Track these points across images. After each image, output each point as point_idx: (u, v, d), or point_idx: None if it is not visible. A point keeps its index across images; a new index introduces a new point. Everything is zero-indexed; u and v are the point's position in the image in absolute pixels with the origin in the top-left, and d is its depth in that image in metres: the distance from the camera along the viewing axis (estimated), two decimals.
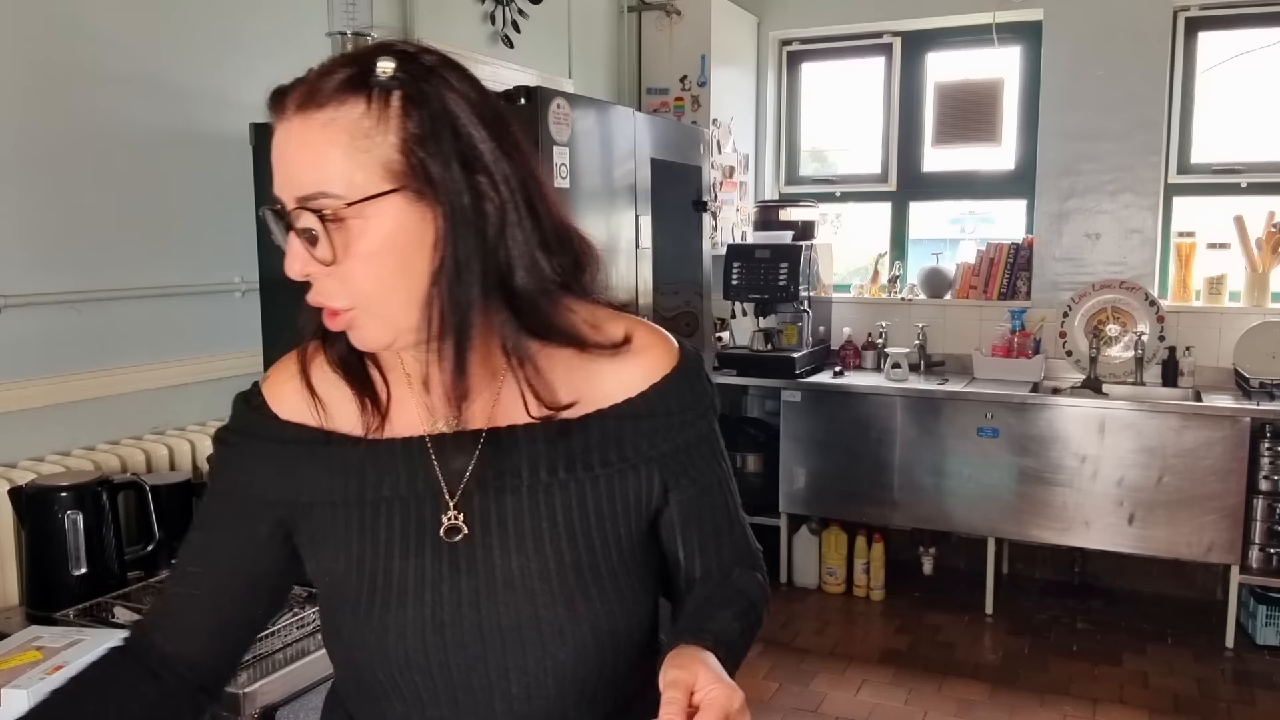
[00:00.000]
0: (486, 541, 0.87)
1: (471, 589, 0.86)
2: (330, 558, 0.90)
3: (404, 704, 0.89)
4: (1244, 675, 3.48)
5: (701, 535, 0.95)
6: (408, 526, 0.88)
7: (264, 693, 1.49)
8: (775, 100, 4.88)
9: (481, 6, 3.44)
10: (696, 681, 0.77)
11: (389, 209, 0.78)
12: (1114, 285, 4.14)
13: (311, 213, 0.78)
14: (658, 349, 0.92)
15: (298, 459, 0.90)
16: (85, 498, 1.77)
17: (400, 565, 0.87)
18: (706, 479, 0.94)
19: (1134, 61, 4.06)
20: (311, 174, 0.78)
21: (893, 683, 3.42)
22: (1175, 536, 3.63)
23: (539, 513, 0.87)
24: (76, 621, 1.65)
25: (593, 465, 0.88)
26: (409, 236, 0.79)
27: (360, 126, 0.77)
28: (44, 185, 2.02)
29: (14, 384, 1.95)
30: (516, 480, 0.88)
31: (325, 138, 0.77)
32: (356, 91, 0.78)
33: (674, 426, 0.91)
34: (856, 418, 4.06)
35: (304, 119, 0.79)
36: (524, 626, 0.86)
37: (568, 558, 0.87)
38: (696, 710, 0.75)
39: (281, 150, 0.80)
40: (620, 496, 0.90)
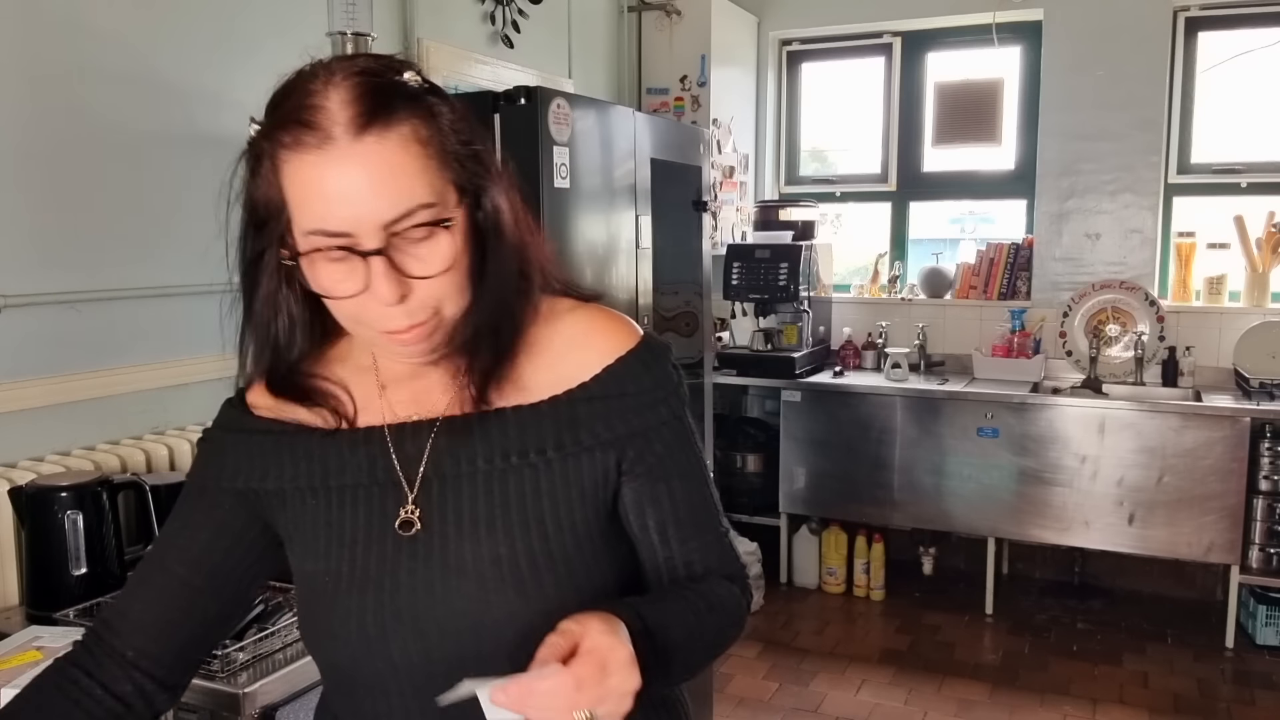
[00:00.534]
0: (443, 529, 0.88)
1: (427, 576, 0.88)
2: (301, 545, 0.93)
3: (370, 693, 0.90)
4: (1244, 675, 3.48)
5: (665, 527, 0.92)
6: (371, 515, 0.90)
7: (264, 693, 1.49)
8: (775, 100, 4.88)
9: (481, 6, 3.44)
10: (585, 632, 0.75)
11: (458, 214, 0.81)
12: (1114, 285, 4.14)
13: (427, 211, 0.78)
14: (616, 333, 0.91)
15: (267, 448, 0.93)
16: (85, 498, 1.77)
17: (363, 552, 0.89)
18: (669, 468, 0.91)
19: (1134, 61, 4.06)
20: (403, 194, 0.77)
21: (893, 683, 3.42)
22: (1175, 536, 3.64)
23: (492, 499, 0.88)
24: (76, 621, 1.65)
25: (546, 449, 0.88)
26: (465, 240, 0.82)
27: (424, 136, 0.79)
28: (44, 185, 2.02)
29: (14, 384, 1.95)
30: (471, 467, 0.88)
31: (407, 153, 0.77)
32: (408, 104, 0.79)
33: (629, 409, 0.89)
34: (856, 418, 4.06)
35: (370, 143, 0.76)
36: (475, 612, 0.86)
37: (519, 544, 0.87)
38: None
39: (348, 178, 0.76)
40: (575, 481, 0.89)
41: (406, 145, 0.77)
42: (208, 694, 1.50)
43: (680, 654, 0.84)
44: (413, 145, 0.78)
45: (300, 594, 0.94)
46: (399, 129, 0.77)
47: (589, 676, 0.73)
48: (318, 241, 0.79)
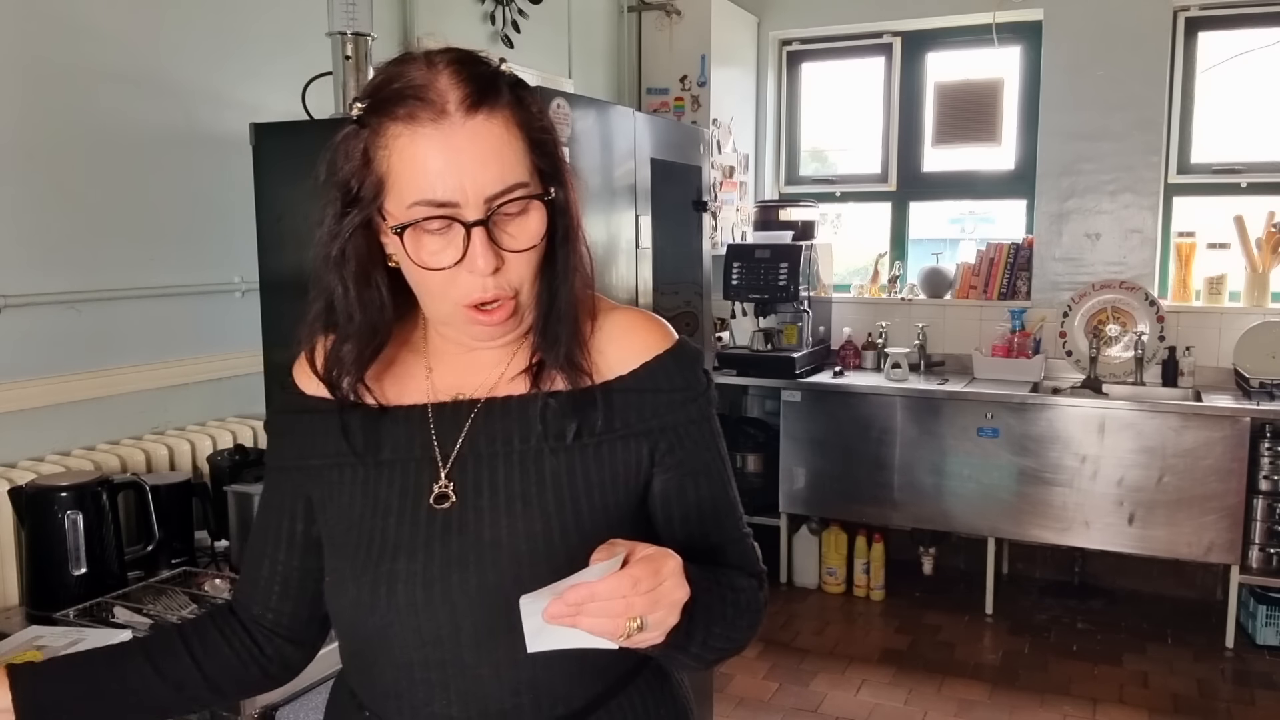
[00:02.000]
0: (477, 504, 0.91)
1: (460, 549, 0.89)
2: (334, 514, 0.95)
3: (394, 665, 0.91)
4: (1244, 675, 3.48)
5: (689, 521, 0.95)
6: (406, 488, 0.93)
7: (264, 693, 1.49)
8: (775, 100, 4.88)
9: (481, 6, 3.44)
10: (635, 545, 0.78)
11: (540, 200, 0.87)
12: (1114, 285, 4.14)
13: (524, 190, 0.84)
14: (654, 332, 0.96)
15: (314, 427, 0.97)
16: (85, 498, 1.77)
17: (395, 524, 0.91)
18: (695, 466, 0.95)
19: (1134, 61, 4.07)
20: (506, 170, 0.83)
21: (893, 683, 3.42)
22: (1175, 536, 3.64)
23: (529, 478, 0.91)
24: (76, 621, 1.65)
25: (583, 434, 0.91)
26: (544, 223, 0.87)
27: (519, 120, 0.85)
28: (44, 185, 2.02)
29: (14, 384, 1.95)
30: (508, 447, 0.92)
31: (507, 136, 0.84)
32: (508, 90, 0.86)
33: (663, 404, 0.93)
34: (856, 418, 4.06)
35: (480, 121, 0.83)
36: (507, 586, 0.86)
37: (554, 521, 0.89)
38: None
39: (462, 152, 0.82)
40: (609, 466, 0.92)
41: (508, 127, 0.84)
42: None
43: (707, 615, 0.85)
44: (512, 127, 0.85)
45: (330, 565, 0.96)
46: (502, 111, 0.84)
47: (644, 578, 0.75)
48: (422, 212, 0.83)
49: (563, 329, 0.91)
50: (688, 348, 0.97)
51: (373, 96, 0.85)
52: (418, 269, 0.86)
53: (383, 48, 2.79)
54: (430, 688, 0.90)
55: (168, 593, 1.79)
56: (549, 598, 0.75)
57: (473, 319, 0.87)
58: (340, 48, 2.19)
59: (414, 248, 0.85)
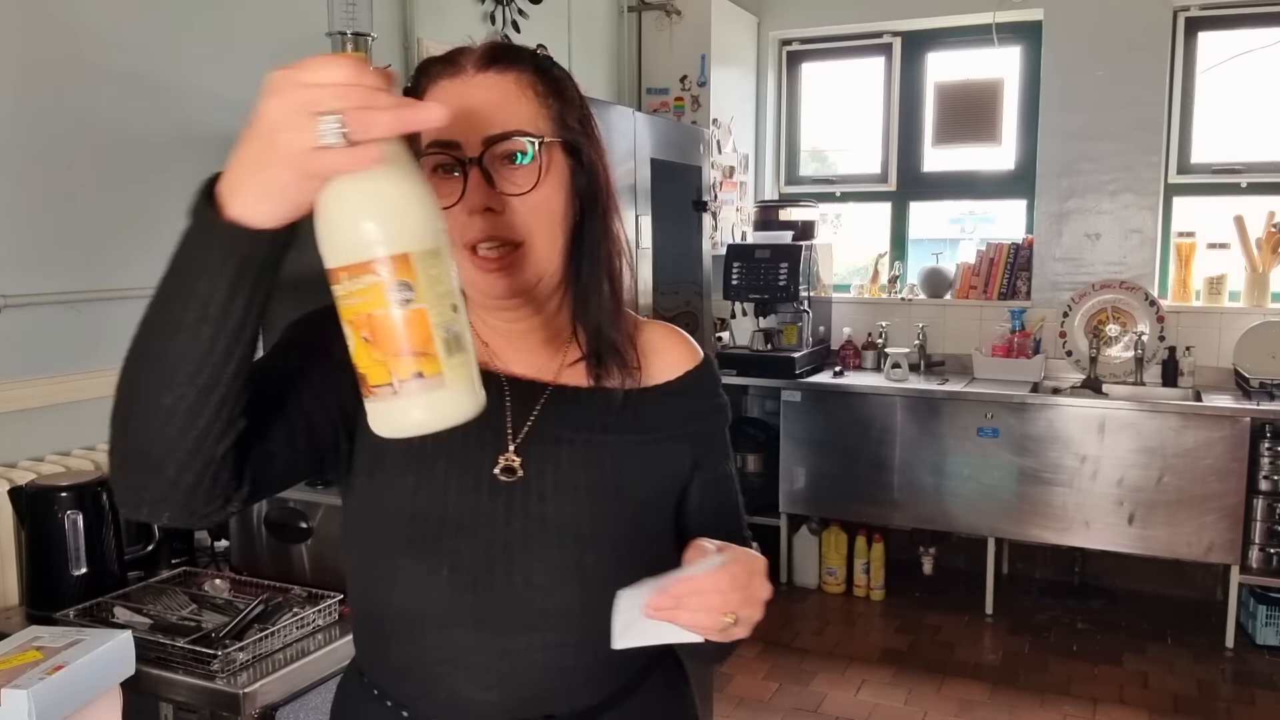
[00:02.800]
0: (540, 485, 0.92)
1: (524, 528, 0.91)
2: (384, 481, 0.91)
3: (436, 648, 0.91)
4: (1244, 675, 3.48)
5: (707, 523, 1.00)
6: (467, 463, 0.92)
7: (264, 693, 1.49)
8: (775, 100, 4.88)
9: (481, 6, 3.44)
10: (725, 544, 0.85)
11: (558, 160, 0.91)
12: (1114, 285, 4.14)
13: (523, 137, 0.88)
14: (690, 345, 1.04)
15: None
16: (85, 498, 1.77)
17: (456, 501, 0.91)
18: (721, 471, 1.04)
19: (1134, 61, 4.07)
20: (507, 117, 0.89)
21: (893, 683, 3.42)
22: (1175, 536, 3.63)
23: (591, 467, 0.94)
24: (76, 621, 1.65)
25: (638, 431, 0.97)
26: (565, 190, 0.92)
27: (540, 90, 0.91)
28: (44, 185, 2.02)
29: (14, 384, 1.95)
30: (572, 434, 0.94)
31: (517, 90, 0.90)
32: (531, 59, 0.93)
33: (703, 410, 1.02)
34: (856, 418, 4.06)
35: (491, 75, 0.90)
36: (569, 567, 0.90)
37: (613, 511, 0.93)
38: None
39: (468, 99, 0.89)
40: (660, 462, 0.98)
41: (521, 87, 0.90)
42: (208, 694, 1.50)
43: None
44: (527, 89, 0.90)
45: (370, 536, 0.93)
46: (518, 73, 0.91)
47: (740, 576, 0.81)
48: (432, 155, 0.88)
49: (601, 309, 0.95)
50: (713, 362, 1.06)
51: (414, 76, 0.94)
52: None
53: (383, 48, 2.79)
54: (472, 672, 0.90)
55: (168, 593, 1.79)
56: (650, 593, 0.79)
57: (473, 264, 0.89)
58: (340, 48, 2.19)
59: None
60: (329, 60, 0.62)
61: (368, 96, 0.62)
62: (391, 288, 0.65)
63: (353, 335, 0.67)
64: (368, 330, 0.66)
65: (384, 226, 0.65)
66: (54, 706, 1.32)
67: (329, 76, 0.61)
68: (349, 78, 0.61)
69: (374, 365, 0.67)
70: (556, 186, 0.91)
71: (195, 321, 0.69)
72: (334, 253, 0.66)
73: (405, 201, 0.66)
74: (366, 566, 0.95)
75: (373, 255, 0.65)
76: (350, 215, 0.65)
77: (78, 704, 1.36)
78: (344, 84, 0.61)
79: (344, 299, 0.66)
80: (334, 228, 0.66)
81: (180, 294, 0.70)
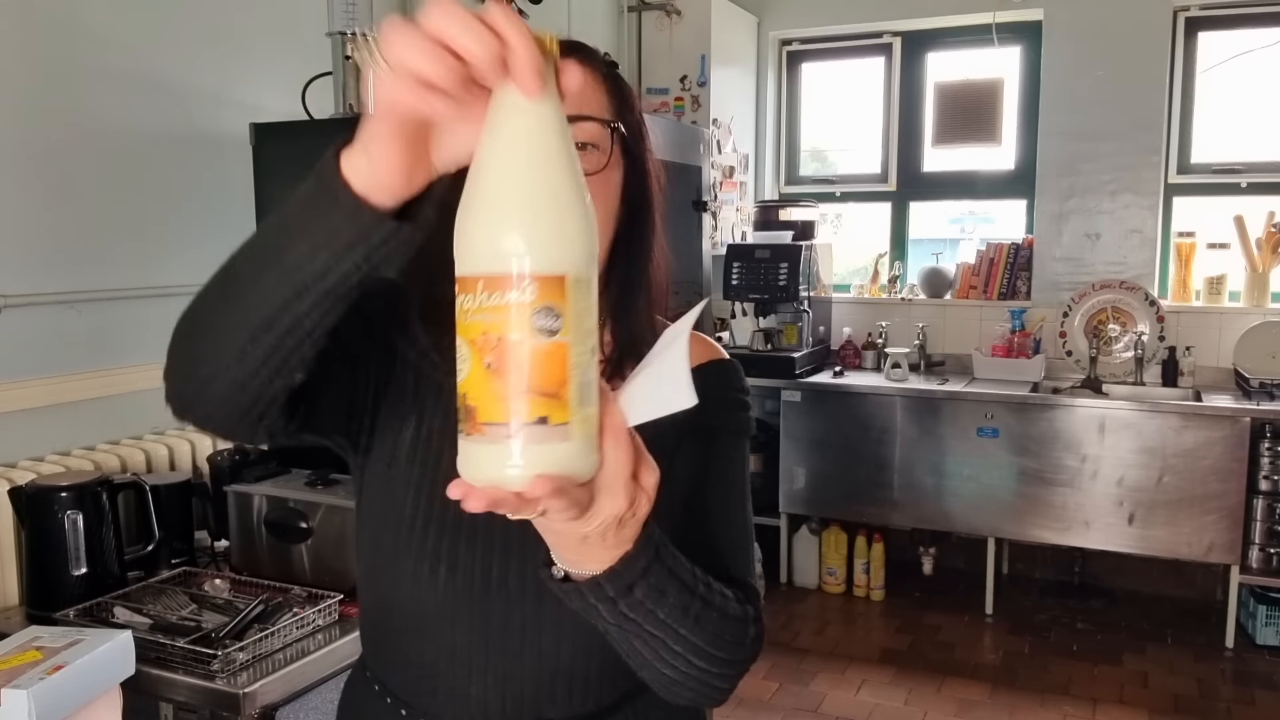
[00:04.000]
0: None
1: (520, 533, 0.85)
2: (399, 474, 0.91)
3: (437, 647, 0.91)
4: (1244, 675, 3.48)
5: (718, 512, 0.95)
6: None
7: (264, 693, 1.49)
8: (775, 100, 4.87)
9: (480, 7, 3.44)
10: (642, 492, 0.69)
11: (617, 158, 0.91)
12: (1114, 285, 4.14)
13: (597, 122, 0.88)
14: (712, 344, 1.03)
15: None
16: (85, 498, 1.77)
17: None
18: (730, 475, 0.97)
19: (1134, 61, 4.06)
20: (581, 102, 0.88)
21: (893, 683, 3.42)
22: (1175, 536, 3.63)
23: None
24: (76, 621, 1.65)
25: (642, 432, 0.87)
26: (619, 190, 0.92)
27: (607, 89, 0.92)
28: (44, 185, 2.02)
29: (14, 384, 1.95)
30: None
31: (593, 80, 0.91)
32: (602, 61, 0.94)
33: (717, 405, 0.96)
34: (856, 418, 4.06)
35: (568, 60, 0.87)
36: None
37: None
38: None
39: None
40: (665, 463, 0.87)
41: (596, 82, 0.91)
42: (208, 693, 1.50)
43: (658, 580, 0.74)
44: (599, 85, 0.91)
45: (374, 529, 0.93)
46: (592, 69, 0.90)
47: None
48: None
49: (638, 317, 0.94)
50: (736, 364, 1.02)
51: None
52: None
53: None
54: (471, 671, 0.90)
55: (168, 593, 1.79)
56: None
57: None
58: (340, 48, 2.19)
59: None
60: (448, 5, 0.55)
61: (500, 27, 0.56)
62: (537, 312, 0.55)
63: (472, 358, 0.56)
64: (494, 356, 0.55)
65: (544, 237, 0.55)
66: (54, 706, 1.32)
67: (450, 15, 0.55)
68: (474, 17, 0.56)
69: (490, 399, 0.56)
70: (615, 182, 0.92)
71: (275, 284, 0.67)
72: (471, 257, 0.56)
73: (573, 213, 0.56)
74: (371, 561, 0.95)
75: (522, 269, 0.55)
76: (504, 215, 0.55)
77: (77, 704, 1.36)
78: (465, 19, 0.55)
79: (472, 314, 0.56)
80: (479, 226, 0.56)
81: (273, 250, 0.68)
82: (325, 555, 1.79)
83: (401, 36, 0.55)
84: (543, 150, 0.56)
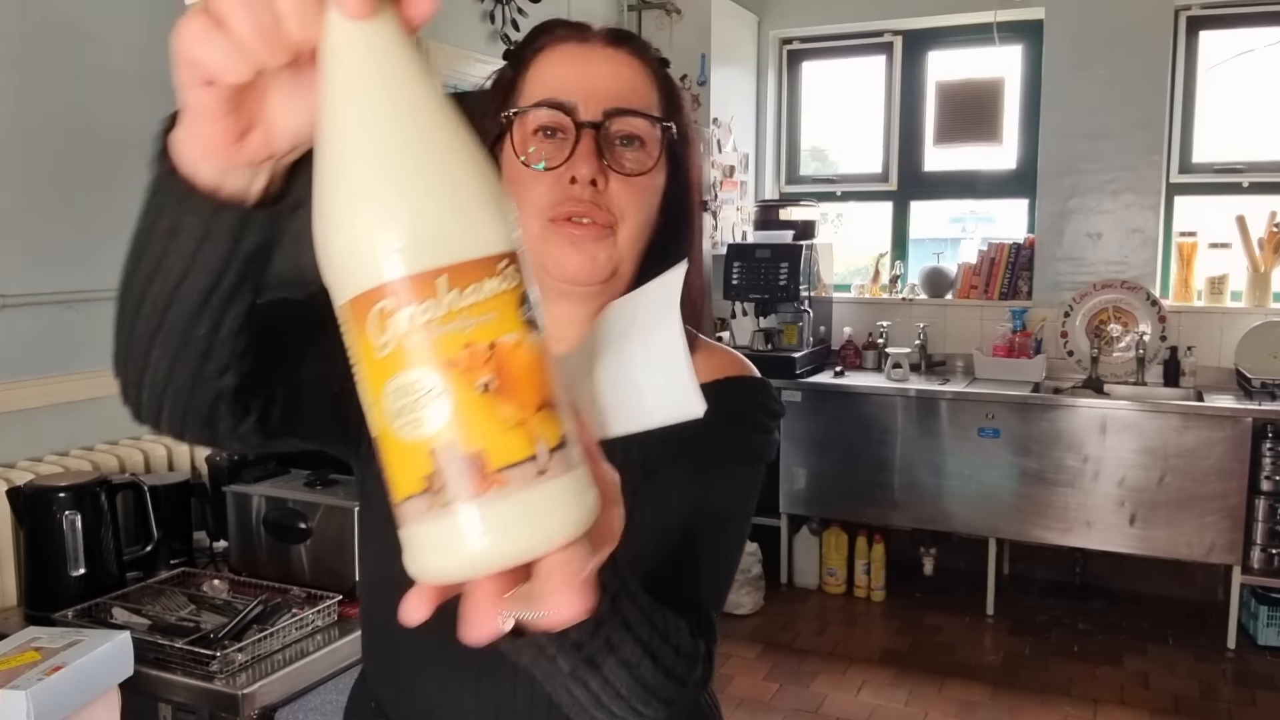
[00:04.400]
0: None
1: None
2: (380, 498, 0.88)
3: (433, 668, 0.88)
4: (1245, 676, 3.47)
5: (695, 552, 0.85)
6: None
7: (264, 693, 1.49)
8: (775, 99, 4.87)
9: (481, 5, 3.43)
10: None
11: (664, 159, 0.86)
12: (1115, 285, 4.13)
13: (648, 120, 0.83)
14: (740, 360, 0.93)
15: None
16: (84, 498, 1.76)
17: None
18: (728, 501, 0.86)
19: (1135, 61, 4.06)
20: (634, 94, 0.84)
21: (893, 684, 3.42)
22: (1177, 537, 3.63)
23: None
24: (75, 622, 1.65)
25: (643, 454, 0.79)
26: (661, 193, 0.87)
27: (662, 89, 0.87)
28: (44, 185, 2.02)
29: (13, 384, 1.94)
30: None
31: (645, 73, 0.86)
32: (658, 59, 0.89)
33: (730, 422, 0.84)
34: (857, 418, 4.05)
35: (619, 51, 0.85)
36: None
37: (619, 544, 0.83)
38: None
39: (595, 65, 0.84)
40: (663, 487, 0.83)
41: (648, 76, 0.86)
42: (207, 694, 1.49)
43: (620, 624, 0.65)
44: (650, 80, 0.86)
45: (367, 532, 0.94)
46: (644, 63, 0.86)
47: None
48: (542, 114, 0.82)
49: None
50: (760, 381, 0.92)
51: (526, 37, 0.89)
52: (517, 167, 0.83)
53: None
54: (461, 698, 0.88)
55: (166, 593, 1.78)
56: None
57: (560, 236, 0.81)
58: None
59: (520, 140, 0.83)
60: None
61: None
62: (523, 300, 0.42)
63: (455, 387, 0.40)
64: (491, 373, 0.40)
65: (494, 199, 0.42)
66: (52, 707, 1.31)
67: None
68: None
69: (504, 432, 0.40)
70: (656, 188, 0.87)
71: (149, 291, 0.59)
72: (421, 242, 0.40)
73: (488, 169, 0.43)
74: (362, 563, 0.95)
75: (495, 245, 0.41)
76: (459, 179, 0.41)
77: (76, 705, 1.36)
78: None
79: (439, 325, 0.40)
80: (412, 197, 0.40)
81: (135, 252, 0.59)
82: (324, 556, 1.78)
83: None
84: (416, 82, 0.42)
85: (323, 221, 0.41)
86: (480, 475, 0.40)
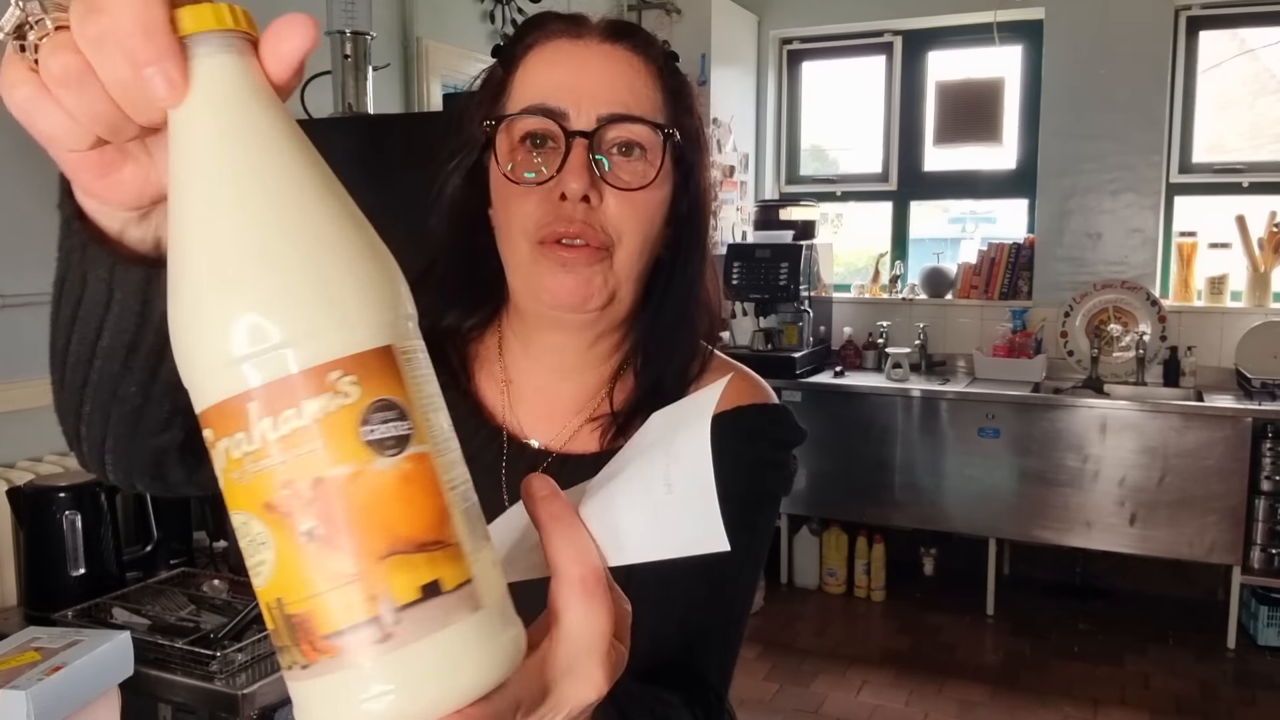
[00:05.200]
0: None
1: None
2: None
3: None
4: (1245, 676, 3.47)
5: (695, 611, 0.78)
6: None
7: (263, 694, 1.49)
8: (775, 99, 4.87)
9: (481, 5, 3.43)
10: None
11: (667, 170, 0.77)
12: (1115, 285, 4.13)
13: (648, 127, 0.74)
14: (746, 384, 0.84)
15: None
16: (84, 498, 1.76)
17: None
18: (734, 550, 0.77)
19: (1135, 60, 4.06)
20: (631, 98, 0.75)
21: (893, 684, 3.42)
22: (1177, 537, 3.63)
23: None
24: (75, 622, 1.65)
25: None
26: (666, 208, 0.78)
27: (664, 84, 0.78)
28: (43, 185, 2.01)
29: (13, 384, 1.94)
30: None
31: (649, 79, 0.77)
32: (660, 50, 0.79)
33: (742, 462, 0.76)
34: (857, 418, 4.05)
35: (620, 50, 0.77)
36: None
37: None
38: None
39: (588, 65, 0.75)
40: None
41: (650, 75, 0.77)
42: (207, 694, 1.49)
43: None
44: (653, 79, 0.77)
45: None
46: (647, 59, 0.77)
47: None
48: (529, 121, 0.75)
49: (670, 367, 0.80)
50: (787, 415, 0.84)
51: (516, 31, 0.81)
52: (503, 182, 0.75)
53: (382, 47, 2.78)
54: None
55: (166, 593, 1.78)
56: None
57: (550, 260, 0.73)
58: (339, 47, 2.19)
59: (506, 150, 0.75)
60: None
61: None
62: (366, 418, 0.33)
63: (273, 537, 0.33)
64: (317, 516, 0.33)
65: (343, 288, 0.34)
66: (52, 707, 1.31)
67: None
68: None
69: (332, 590, 0.33)
70: (661, 199, 0.77)
71: (69, 324, 0.53)
72: (215, 366, 0.33)
73: (364, 243, 0.35)
74: None
75: (319, 353, 0.33)
76: (267, 268, 0.33)
77: (76, 705, 1.36)
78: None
79: (251, 463, 0.33)
80: (224, 303, 0.33)
81: (55, 308, 0.53)
82: None
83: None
84: (281, 161, 0.34)
85: (185, 314, 0.34)
86: (307, 643, 0.33)
